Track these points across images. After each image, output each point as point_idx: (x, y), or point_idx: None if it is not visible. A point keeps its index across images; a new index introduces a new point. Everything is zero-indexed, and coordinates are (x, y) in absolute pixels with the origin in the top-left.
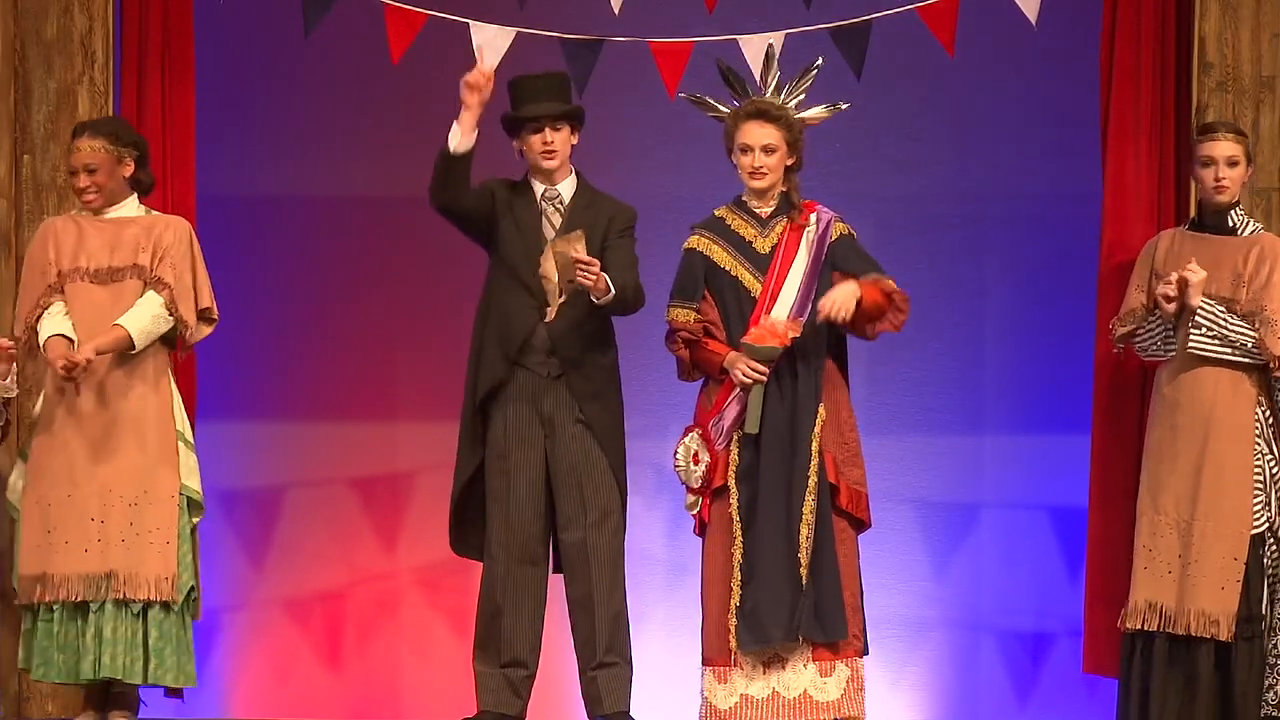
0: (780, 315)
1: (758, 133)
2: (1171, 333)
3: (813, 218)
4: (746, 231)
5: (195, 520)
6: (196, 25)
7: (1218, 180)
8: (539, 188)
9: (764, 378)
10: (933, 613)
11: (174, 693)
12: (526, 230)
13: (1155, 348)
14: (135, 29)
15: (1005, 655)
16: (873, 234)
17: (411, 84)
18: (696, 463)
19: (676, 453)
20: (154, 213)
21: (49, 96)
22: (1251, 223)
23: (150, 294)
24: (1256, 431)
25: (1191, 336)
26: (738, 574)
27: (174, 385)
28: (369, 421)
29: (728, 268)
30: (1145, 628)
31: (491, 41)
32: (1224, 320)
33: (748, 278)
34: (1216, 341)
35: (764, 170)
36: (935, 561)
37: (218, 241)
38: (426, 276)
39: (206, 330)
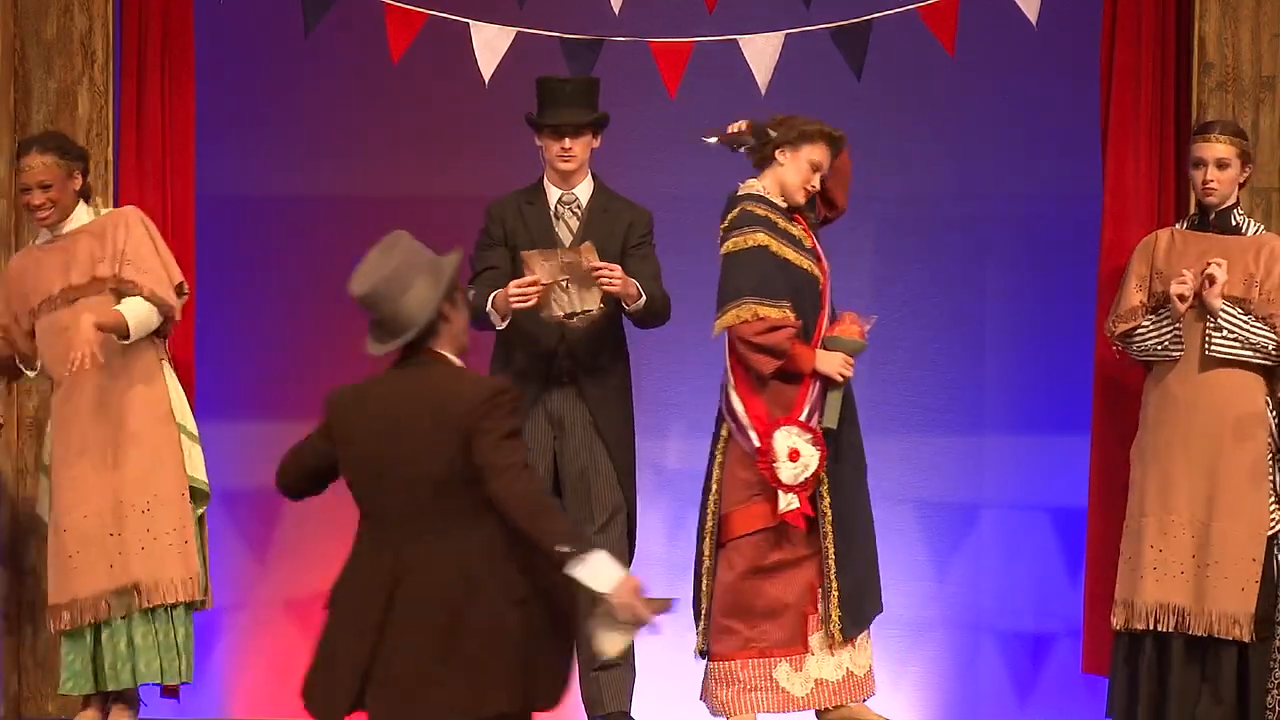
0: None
1: (825, 156)
2: (1180, 332)
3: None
4: (793, 229)
5: (201, 510)
6: (196, 25)
7: (1205, 182)
8: (554, 193)
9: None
10: (933, 613)
11: (170, 691)
12: (540, 240)
13: (1159, 347)
14: (135, 29)
15: (1005, 655)
16: (873, 233)
17: (412, 83)
18: (794, 459)
19: (774, 455)
20: (102, 212)
21: (49, 97)
22: (1253, 223)
23: (131, 299)
24: (1269, 431)
25: (1214, 340)
26: (832, 565)
27: (172, 378)
28: None
29: (804, 266)
30: (1159, 629)
31: (491, 41)
32: (1245, 323)
33: (817, 274)
34: (1238, 345)
35: (814, 191)
36: (935, 561)
37: (217, 241)
38: None
39: (182, 302)
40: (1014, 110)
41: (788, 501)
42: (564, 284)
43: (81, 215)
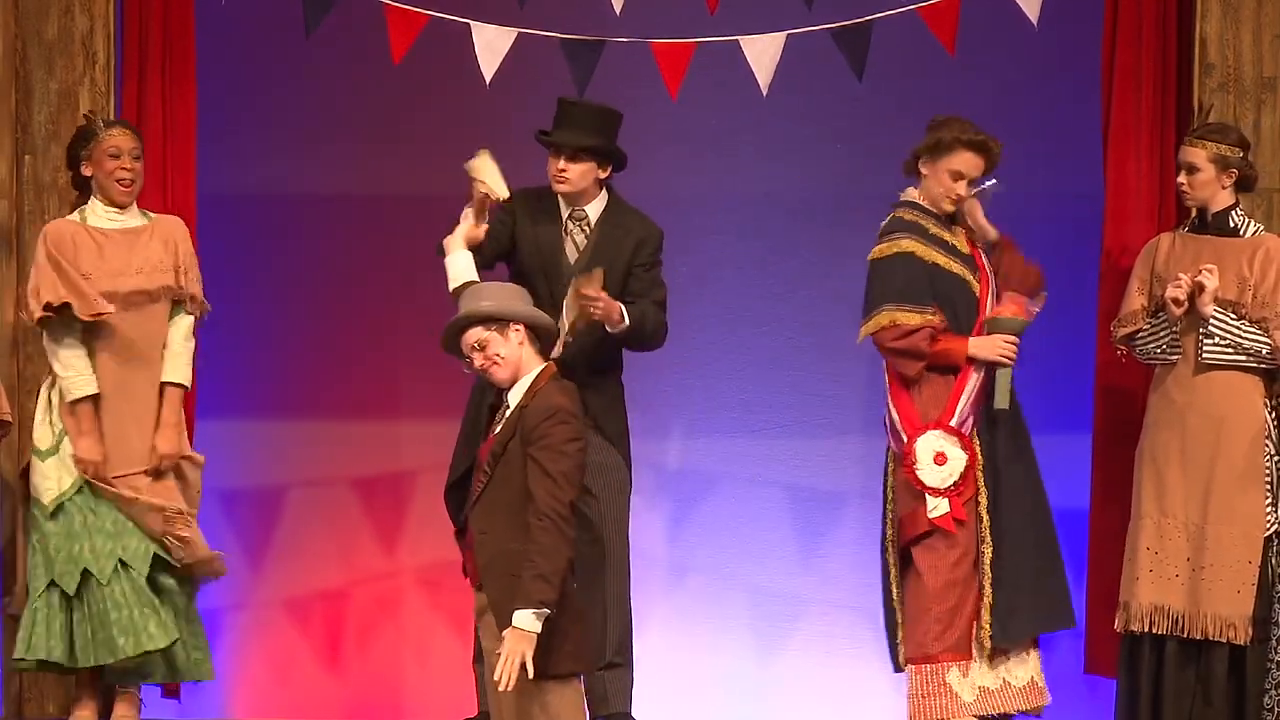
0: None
1: (973, 164)
2: (1178, 336)
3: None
4: (945, 235)
5: None
6: (197, 25)
7: (1178, 185)
8: (566, 207)
9: (1016, 350)
10: None
11: (172, 693)
12: (547, 249)
13: (1159, 350)
14: (136, 29)
15: None
16: (873, 233)
17: (413, 84)
18: (940, 463)
19: (915, 458)
20: (151, 215)
21: (50, 97)
22: (1253, 224)
23: (179, 320)
24: (1265, 433)
25: (1205, 347)
26: (989, 571)
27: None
28: (371, 421)
29: (955, 271)
30: (1153, 631)
31: (492, 42)
32: (1237, 329)
33: (970, 278)
34: (1231, 350)
35: (961, 199)
36: None
37: (218, 241)
38: (429, 275)
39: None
40: (1015, 110)
41: (934, 506)
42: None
43: (135, 209)
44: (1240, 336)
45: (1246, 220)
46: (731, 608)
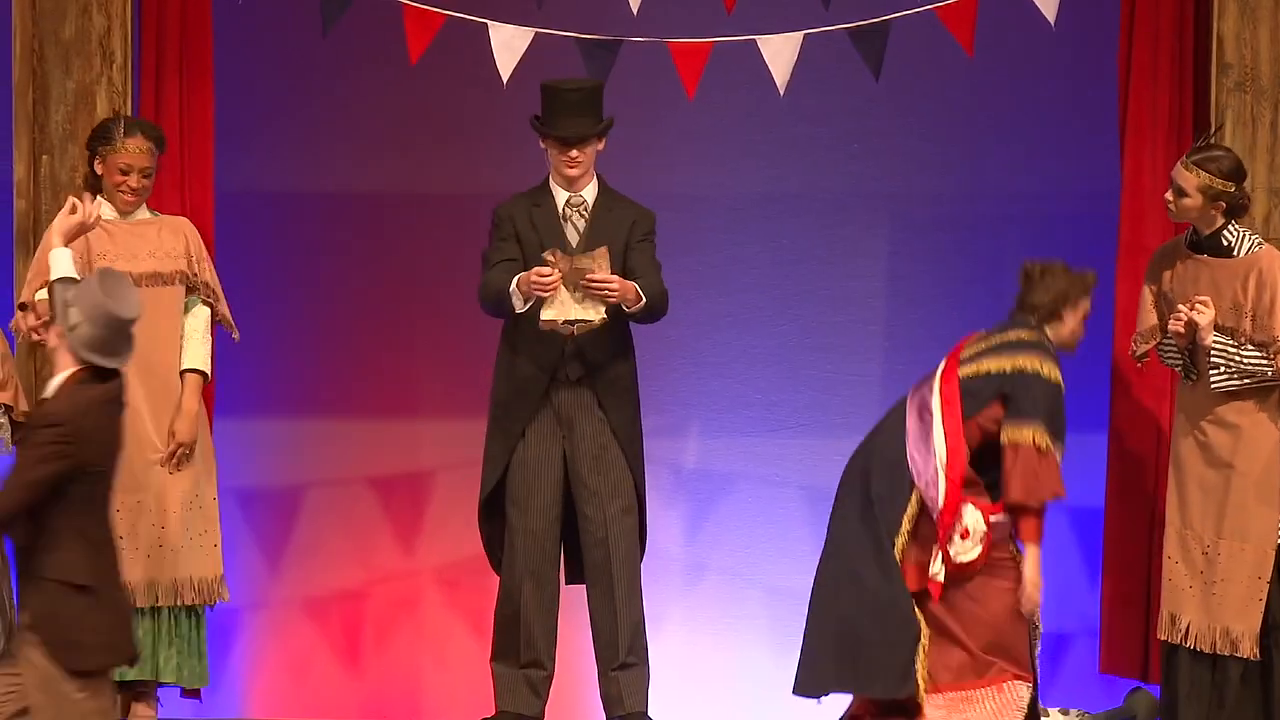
0: None
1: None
2: (1191, 360)
3: None
4: None
5: None
6: (214, 25)
7: (1165, 200)
8: (561, 195)
9: None
10: None
11: (191, 693)
12: (550, 240)
13: (1178, 368)
14: (153, 29)
15: None
16: (889, 234)
17: (430, 83)
18: (964, 538)
19: (960, 516)
20: (158, 214)
21: (67, 97)
22: (1248, 238)
23: (197, 310)
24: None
25: (1212, 378)
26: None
27: None
28: (389, 419)
29: None
30: (1169, 640)
31: (509, 42)
32: (1238, 356)
33: None
34: (1236, 376)
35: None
36: None
37: (236, 240)
38: (447, 273)
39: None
40: (1031, 110)
41: (936, 571)
42: (571, 288)
43: (144, 209)
44: (1243, 363)
45: (1241, 235)
46: (748, 607)
